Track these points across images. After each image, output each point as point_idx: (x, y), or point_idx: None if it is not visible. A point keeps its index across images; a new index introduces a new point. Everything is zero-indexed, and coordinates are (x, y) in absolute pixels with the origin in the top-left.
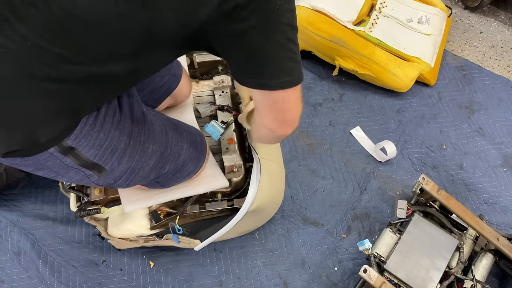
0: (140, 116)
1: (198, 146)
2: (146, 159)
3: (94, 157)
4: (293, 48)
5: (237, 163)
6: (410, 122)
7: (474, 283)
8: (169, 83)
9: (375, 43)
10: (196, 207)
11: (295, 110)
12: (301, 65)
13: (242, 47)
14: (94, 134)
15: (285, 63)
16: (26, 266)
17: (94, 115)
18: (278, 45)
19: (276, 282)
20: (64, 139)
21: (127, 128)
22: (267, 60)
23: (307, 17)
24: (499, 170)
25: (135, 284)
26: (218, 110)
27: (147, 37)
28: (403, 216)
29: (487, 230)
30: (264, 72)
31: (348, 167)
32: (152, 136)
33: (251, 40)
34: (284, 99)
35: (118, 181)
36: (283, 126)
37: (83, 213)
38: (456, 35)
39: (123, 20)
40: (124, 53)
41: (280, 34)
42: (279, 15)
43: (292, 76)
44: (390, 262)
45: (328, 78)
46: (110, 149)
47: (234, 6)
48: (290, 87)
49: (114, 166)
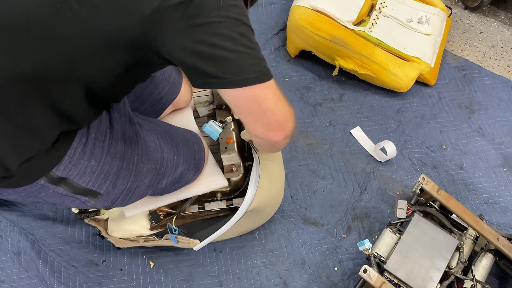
0: (133, 135)
1: (196, 155)
2: (141, 178)
3: (87, 183)
4: (248, 43)
5: (236, 163)
6: (410, 122)
7: (474, 283)
8: (169, 94)
9: (375, 43)
10: (195, 207)
11: (277, 110)
12: (266, 62)
13: (191, 46)
14: (85, 163)
15: (242, 59)
16: (26, 266)
17: (83, 142)
18: (229, 39)
19: (276, 282)
20: (52, 170)
21: (119, 151)
22: (221, 56)
23: (307, 17)
24: (499, 170)
25: (135, 284)
26: (216, 109)
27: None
28: (403, 216)
29: (487, 230)
30: (223, 70)
31: (348, 167)
32: (145, 155)
33: (200, 37)
34: (258, 99)
35: (116, 202)
36: (270, 130)
37: (84, 215)
38: (456, 35)
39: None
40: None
41: (229, 29)
42: (225, 10)
43: (255, 73)
44: (390, 262)
45: (328, 78)
46: (103, 174)
47: (178, 3)
48: (254, 84)
49: (109, 189)
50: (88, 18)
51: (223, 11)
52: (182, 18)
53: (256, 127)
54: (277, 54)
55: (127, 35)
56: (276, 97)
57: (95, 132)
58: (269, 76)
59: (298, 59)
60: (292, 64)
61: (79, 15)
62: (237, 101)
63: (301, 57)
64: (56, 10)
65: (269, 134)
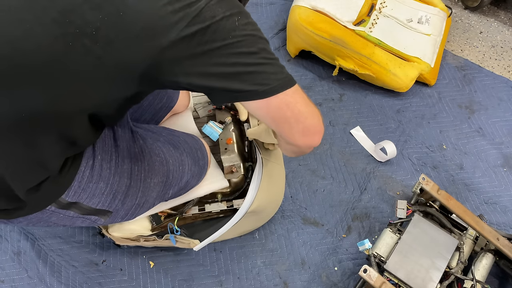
0: (138, 151)
1: (200, 161)
2: (149, 193)
3: (97, 205)
4: (267, 55)
5: (236, 164)
6: (410, 122)
7: (474, 283)
8: (168, 103)
9: (375, 43)
10: (196, 209)
11: (310, 113)
12: (286, 69)
13: (212, 70)
14: (94, 185)
15: (266, 70)
16: (26, 266)
17: (91, 165)
18: (249, 55)
19: (276, 282)
20: (62, 196)
21: (126, 170)
22: (244, 72)
23: (307, 17)
24: (499, 170)
25: (135, 284)
26: (216, 110)
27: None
28: (403, 216)
29: (487, 230)
30: (248, 83)
31: (348, 167)
32: (152, 170)
33: (220, 60)
34: (289, 104)
35: (125, 218)
36: (307, 135)
37: None
38: (456, 35)
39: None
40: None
41: (247, 46)
42: (241, 29)
43: (281, 80)
44: (390, 262)
45: (328, 78)
46: (112, 194)
47: (195, 31)
48: (282, 91)
49: (118, 207)
50: (102, 54)
51: (239, 31)
52: (200, 45)
53: (294, 134)
54: (277, 54)
55: (142, 68)
56: (305, 101)
57: (101, 153)
58: (293, 81)
59: (298, 59)
60: (292, 64)
61: (93, 51)
62: (270, 111)
63: (301, 57)
64: (67, 47)
65: (307, 139)
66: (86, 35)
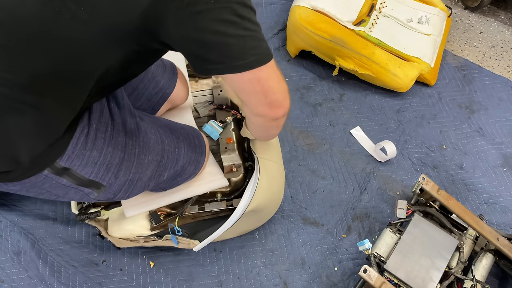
0: (134, 127)
1: (197, 148)
2: (143, 170)
3: (90, 174)
4: (250, 26)
5: (236, 163)
6: (410, 122)
7: (474, 283)
8: (164, 89)
9: (375, 43)
10: (196, 208)
11: (279, 89)
12: (267, 43)
13: (193, 35)
14: (87, 153)
15: (244, 43)
16: (26, 266)
17: (85, 133)
18: (230, 24)
19: (276, 282)
20: (56, 160)
21: (120, 143)
22: (223, 42)
23: (307, 17)
24: (499, 170)
25: (135, 284)
26: (217, 109)
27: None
28: (403, 216)
29: (487, 230)
30: (225, 56)
31: (348, 167)
32: (147, 146)
33: (201, 25)
34: (261, 80)
35: (118, 194)
36: (272, 108)
37: (84, 216)
38: (456, 35)
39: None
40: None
41: (230, 13)
42: None
43: (257, 55)
44: (390, 262)
45: (328, 78)
46: (105, 165)
47: None
48: (256, 67)
49: (112, 181)
50: (88, 18)
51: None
52: (181, 7)
53: (259, 106)
54: (277, 54)
55: (128, 29)
56: (277, 77)
57: (96, 123)
58: (270, 56)
59: (298, 59)
60: (292, 64)
61: (79, 16)
62: (241, 84)
63: (301, 57)
64: (56, 13)
65: (270, 111)
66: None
